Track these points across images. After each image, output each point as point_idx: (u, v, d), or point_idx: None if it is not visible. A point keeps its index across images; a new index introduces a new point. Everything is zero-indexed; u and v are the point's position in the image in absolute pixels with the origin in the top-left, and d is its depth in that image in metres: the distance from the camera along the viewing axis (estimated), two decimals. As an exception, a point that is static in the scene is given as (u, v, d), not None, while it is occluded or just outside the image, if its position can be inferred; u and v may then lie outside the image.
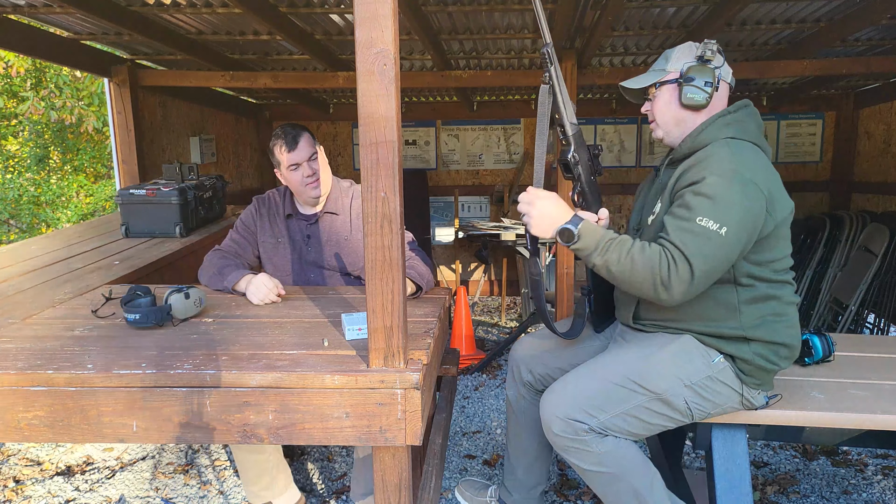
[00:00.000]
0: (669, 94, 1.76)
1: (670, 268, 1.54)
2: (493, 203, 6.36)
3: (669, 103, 1.76)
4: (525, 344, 2.12)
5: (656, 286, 1.55)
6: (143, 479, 2.75)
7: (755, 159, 1.62)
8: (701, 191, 1.56)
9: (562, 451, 1.72)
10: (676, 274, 1.53)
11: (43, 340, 1.67)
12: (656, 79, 1.77)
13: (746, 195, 1.55)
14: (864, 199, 5.53)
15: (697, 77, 1.70)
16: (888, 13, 3.09)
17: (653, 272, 1.55)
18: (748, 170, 1.57)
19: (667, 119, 1.78)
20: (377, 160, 1.33)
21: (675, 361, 1.69)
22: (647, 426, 1.72)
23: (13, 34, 3.21)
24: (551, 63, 1.70)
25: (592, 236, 1.62)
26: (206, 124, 5.16)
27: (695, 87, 1.71)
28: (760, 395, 1.75)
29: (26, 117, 8.50)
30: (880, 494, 2.56)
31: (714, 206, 1.53)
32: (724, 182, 1.54)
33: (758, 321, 1.67)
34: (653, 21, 3.57)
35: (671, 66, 1.76)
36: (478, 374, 4.06)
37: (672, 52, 1.78)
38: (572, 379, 1.75)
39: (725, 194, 1.53)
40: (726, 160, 1.58)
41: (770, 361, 1.69)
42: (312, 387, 1.43)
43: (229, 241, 2.37)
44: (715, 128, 1.70)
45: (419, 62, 4.51)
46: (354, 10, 1.28)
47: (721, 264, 1.57)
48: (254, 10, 3.00)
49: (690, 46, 1.76)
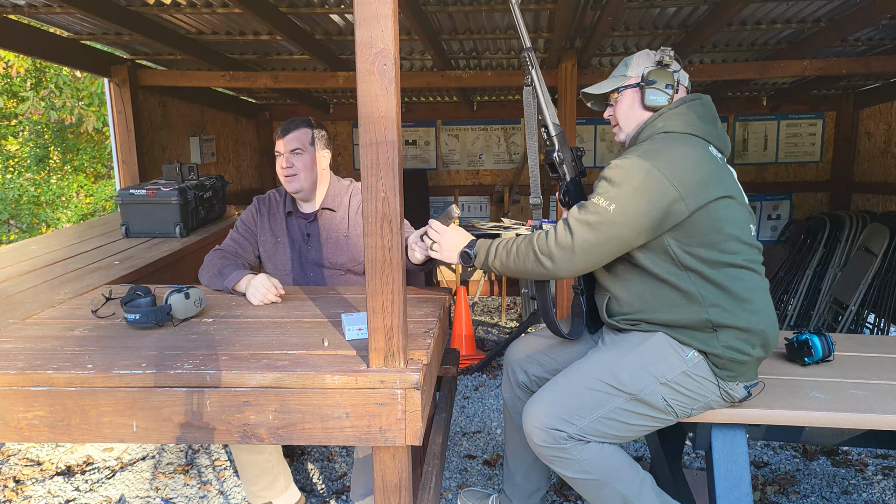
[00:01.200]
0: (631, 98, 1.82)
1: (548, 238, 1.68)
2: (493, 203, 6.36)
3: (632, 106, 1.83)
4: (519, 345, 2.12)
5: (538, 258, 1.68)
6: (143, 479, 2.75)
7: (676, 148, 1.67)
8: (604, 175, 1.67)
9: (546, 461, 1.73)
10: (555, 241, 1.66)
11: (43, 340, 1.67)
12: (618, 84, 1.84)
13: (641, 179, 1.61)
14: (864, 199, 5.53)
15: (658, 80, 1.77)
16: (888, 13, 3.10)
17: (532, 248, 1.70)
18: (655, 156, 1.64)
19: (629, 121, 1.84)
20: (377, 160, 1.33)
21: (649, 360, 1.69)
22: (630, 428, 1.71)
23: (13, 34, 3.21)
24: (532, 66, 1.80)
25: (483, 247, 1.80)
26: (206, 124, 5.16)
27: (656, 90, 1.77)
28: (739, 387, 1.73)
29: (26, 117, 8.50)
30: (880, 494, 2.56)
31: (609, 187, 1.64)
32: (623, 167, 1.64)
33: (722, 307, 1.66)
34: (653, 21, 3.57)
35: (631, 71, 1.83)
36: (478, 374, 4.06)
37: (631, 59, 1.85)
38: (549, 388, 1.77)
39: (620, 176, 1.63)
40: (635, 151, 1.68)
41: (741, 352, 1.67)
42: (312, 387, 1.43)
43: (229, 240, 2.38)
44: (651, 125, 1.78)
45: (419, 62, 4.51)
46: (354, 10, 1.28)
47: (610, 241, 1.64)
48: (254, 10, 3.00)
49: (648, 53, 1.84)
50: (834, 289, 4.48)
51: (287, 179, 2.29)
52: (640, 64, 1.82)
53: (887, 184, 5.08)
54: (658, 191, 1.60)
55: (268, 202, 2.43)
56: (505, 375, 2.13)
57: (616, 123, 1.88)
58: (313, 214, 2.37)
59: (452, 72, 4.31)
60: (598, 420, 1.68)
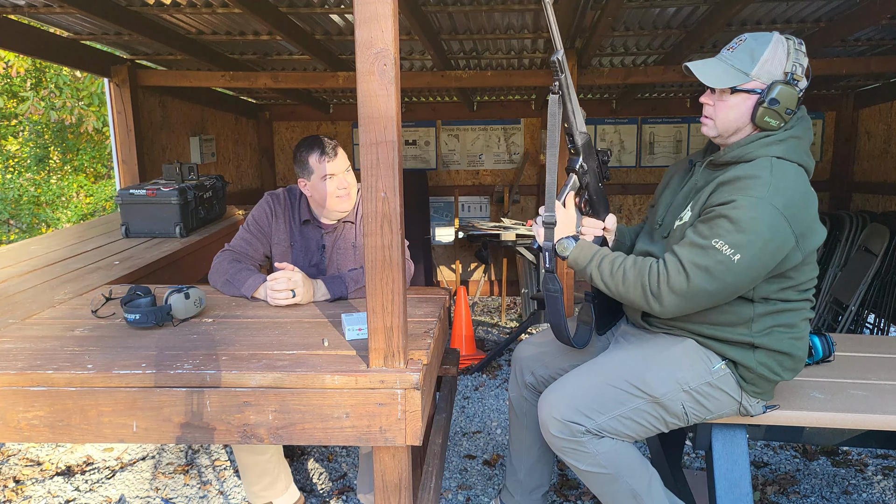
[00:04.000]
0: (744, 105, 1.60)
1: (660, 278, 1.58)
2: (493, 203, 6.36)
3: (741, 114, 1.62)
4: (527, 346, 2.12)
5: (647, 296, 1.60)
6: (143, 479, 2.75)
7: (795, 187, 1.54)
8: (727, 213, 1.51)
9: (559, 451, 1.72)
10: (667, 284, 1.56)
11: (43, 340, 1.67)
12: (737, 82, 1.59)
13: (771, 228, 1.49)
14: (864, 199, 5.53)
15: (783, 102, 1.56)
16: (888, 13, 3.10)
17: (642, 283, 1.60)
18: (782, 201, 1.50)
19: (729, 126, 1.65)
20: (377, 160, 1.33)
21: (676, 365, 1.69)
22: (644, 429, 1.71)
23: (13, 34, 3.21)
24: (562, 72, 1.62)
25: (587, 249, 1.73)
26: (206, 124, 5.16)
27: (775, 112, 1.57)
28: (759, 405, 1.74)
29: (26, 117, 8.50)
30: (880, 494, 2.56)
31: (735, 231, 1.49)
32: (752, 211, 1.49)
33: (768, 331, 1.65)
34: (653, 21, 3.57)
35: (757, 71, 1.57)
36: (478, 374, 4.06)
37: (760, 52, 1.57)
38: (570, 380, 1.75)
39: (749, 224, 1.48)
40: (763, 187, 1.50)
41: (773, 371, 1.68)
42: (312, 387, 1.43)
43: (240, 239, 2.30)
44: (764, 143, 1.60)
45: (419, 62, 4.51)
46: (354, 10, 1.28)
47: (726, 289, 1.55)
48: (254, 10, 3.00)
49: (782, 51, 1.57)
50: (834, 289, 4.48)
51: (342, 199, 2.21)
52: (768, 67, 1.57)
53: (887, 184, 5.08)
54: (782, 239, 1.51)
55: (282, 203, 2.33)
56: (512, 375, 2.13)
57: (711, 117, 1.67)
58: (332, 226, 2.31)
59: (452, 72, 4.31)
60: (617, 418, 1.68)
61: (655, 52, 4.20)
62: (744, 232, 1.49)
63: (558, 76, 1.63)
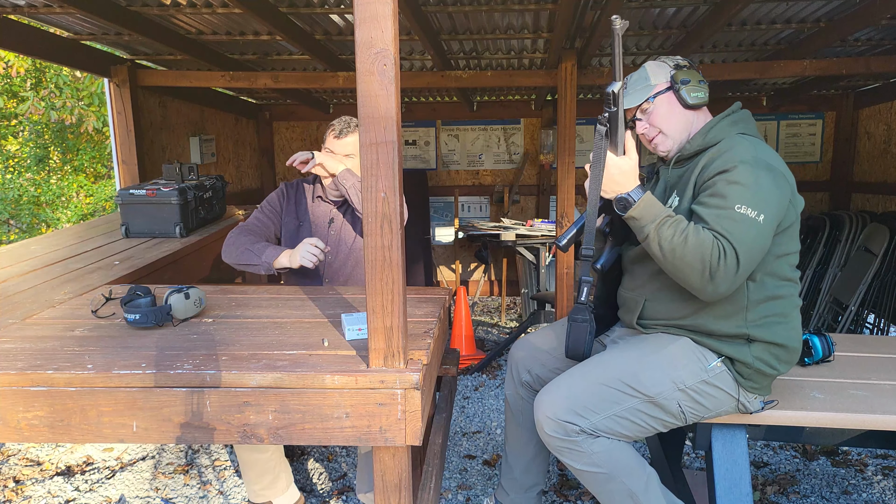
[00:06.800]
0: (669, 102, 1.77)
1: (720, 256, 1.49)
2: (493, 203, 6.36)
3: (671, 110, 1.77)
4: (524, 345, 2.12)
5: (703, 275, 1.51)
6: (143, 479, 2.75)
7: (768, 149, 1.66)
8: (734, 178, 1.54)
9: (555, 451, 1.72)
10: (725, 263, 1.50)
11: (43, 340, 1.67)
12: (648, 94, 1.76)
13: (776, 183, 1.57)
14: (864, 199, 5.53)
15: (691, 78, 1.74)
16: (888, 13, 3.10)
17: (703, 258, 1.50)
18: (768, 157, 1.60)
19: (675, 126, 1.77)
20: (377, 160, 1.33)
21: (671, 364, 1.69)
22: (640, 428, 1.71)
23: (13, 34, 3.21)
24: (614, 105, 1.55)
25: (653, 206, 1.59)
26: (206, 124, 5.16)
27: (693, 87, 1.74)
28: (757, 401, 1.74)
29: (26, 117, 8.50)
30: (880, 494, 2.56)
31: (750, 193, 1.53)
32: (755, 170, 1.55)
33: (762, 321, 1.66)
34: (653, 21, 3.57)
35: (654, 80, 1.77)
36: (478, 374, 4.06)
37: (646, 70, 1.79)
38: (566, 380, 1.75)
39: (759, 182, 1.54)
40: (750, 150, 1.60)
41: (769, 365, 1.68)
42: (312, 387, 1.43)
43: (254, 219, 2.50)
44: (723, 126, 1.73)
45: (419, 62, 4.51)
46: (354, 10, 1.28)
47: (759, 254, 1.56)
48: (254, 10, 3.00)
49: (660, 62, 1.80)
50: (834, 289, 4.48)
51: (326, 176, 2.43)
52: (658, 72, 1.78)
53: (887, 184, 5.08)
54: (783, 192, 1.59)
55: (296, 188, 2.55)
56: (508, 373, 2.13)
57: (657, 133, 1.78)
58: (339, 202, 2.49)
59: (452, 72, 4.31)
60: (611, 417, 1.68)
61: (655, 52, 4.20)
62: (759, 191, 1.53)
63: (609, 108, 1.56)
